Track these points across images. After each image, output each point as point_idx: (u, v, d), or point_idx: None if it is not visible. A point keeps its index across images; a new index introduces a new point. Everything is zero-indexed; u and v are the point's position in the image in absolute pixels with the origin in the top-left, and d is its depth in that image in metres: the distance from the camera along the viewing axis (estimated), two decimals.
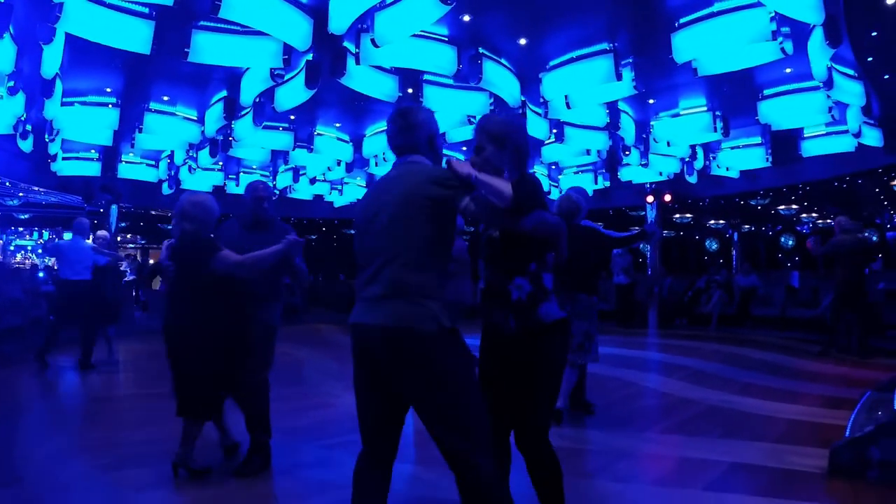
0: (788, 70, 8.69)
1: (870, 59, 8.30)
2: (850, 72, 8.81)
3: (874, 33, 7.55)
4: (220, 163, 15.37)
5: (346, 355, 7.82)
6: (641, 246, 27.05)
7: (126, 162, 14.82)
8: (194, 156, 13.89)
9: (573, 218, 5.95)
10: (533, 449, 2.88)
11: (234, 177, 17.09)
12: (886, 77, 9.04)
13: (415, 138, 2.84)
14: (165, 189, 16.50)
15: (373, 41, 6.79)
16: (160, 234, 25.89)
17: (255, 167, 16.77)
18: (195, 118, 11.72)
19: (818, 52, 7.41)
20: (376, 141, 13.21)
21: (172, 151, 13.85)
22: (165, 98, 11.04)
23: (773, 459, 4.94)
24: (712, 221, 26.49)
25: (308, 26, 7.20)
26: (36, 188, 17.47)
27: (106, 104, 10.71)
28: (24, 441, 5.45)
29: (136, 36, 7.23)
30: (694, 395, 7.43)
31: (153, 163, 15.24)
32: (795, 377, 8.42)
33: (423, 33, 7.89)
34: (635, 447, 5.41)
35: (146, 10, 7.26)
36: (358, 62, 7.72)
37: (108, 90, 10.48)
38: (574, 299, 5.99)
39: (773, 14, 6.81)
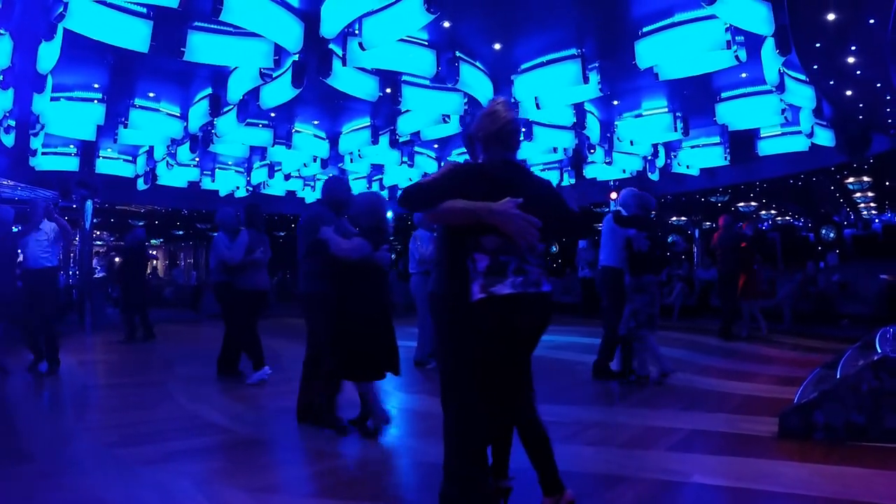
0: (744, 75, 9.23)
1: (815, 66, 8.91)
2: (801, 76, 9.36)
3: (818, 44, 8.16)
4: (197, 158, 15.58)
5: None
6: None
7: (104, 157, 14.92)
8: (173, 151, 14.04)
9: (648, 212, 7.20)
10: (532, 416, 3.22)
11: (209, 173, 17.27)
12: (832, 83, 9.66)
13: None
14: (141, 185, 16.59)
15: (360, 45, 7.10)
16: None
17: (230, 163, 16.96)
18: (178, 114, 11.88)
19: (770, 59, 7.99)
20: (353, 138, 13.53)
21: (151, 147, 13.98)
22: (151, 94, 11.23)
23: (729, 426, 5.43)
24: (674, 218, 27.19)
25: (300, 29, 7.50)
26: (6, 182, 17.39)
27: (92, 99, 10.86)
28: (28, 424, 5.65)
29: (135, 35, 7.48)
30: (655, 374, 7.91)
31: (130, 158, 15.35)
32: (750, 360, 8.92)
33: (405, 38, 8.26)
34: (605, 419, 5.80)
35: (144, 10, 7.49)
36: (345, 64, 8.06)
37: (96, 86, 10.64)
38: (641, 281, 7.00)
39: (727, 25, 7.38)
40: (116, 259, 14.93)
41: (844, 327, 12.47)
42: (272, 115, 11.99)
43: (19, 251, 8.14)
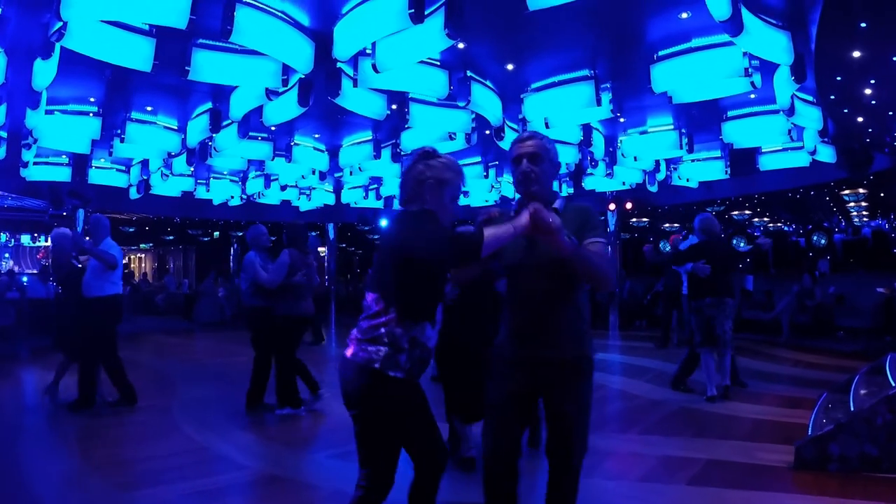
0: (752, 95, 9.24)
1: (832, 97, 9.01)
2: (810, 98, 9.37)
3: (838, 77, 8.25)
4: (192, 168, 15.42)
5: (318, 358, 8.05)
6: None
7: (96, 167, 14.74)
8: (169, 163, 13.89)
9: (714, 235, 7.68)
10: None
11: (203, 182, 17.14)
12: (845, 111, 9.79)
13: None
14: (133, 194, 16.41)
15: (374, 66, 7.01)
16: (123, 239, 25.62)
17: (225, 172, 16.82)
18: (176, 127, 11.72)
19: (784, 85, 8.01)
20: (353, 151, 13.43)
21: (146, 158, 13.86)
22: (149, 108, 11.11)
23: (744, 456, 5.48)
24: (667, 225, 27.36)
25: (310, 49, 7.38)
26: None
27: (87, 113, 10.66)
28: (34, 460, 5.49)
29: (137, 53, 7.22)
30: (662, 396, 7.95)
31: (124, 168, 15.17)
32: (754, 378, 8.93)
33: None
34: (619, 447, 5.83)
35: (146, 27, 7.21)
36: (356, 85, 7.96)
37: (92, 99, 10.48)
38: (722, 303, 7.47)
39: (745, 52, 7.37)
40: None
41: (841, 339, 12.56)
42: (272, 128, 11.86)
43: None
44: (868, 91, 8.88)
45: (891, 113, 9.84)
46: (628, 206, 17.78)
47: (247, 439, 6.13)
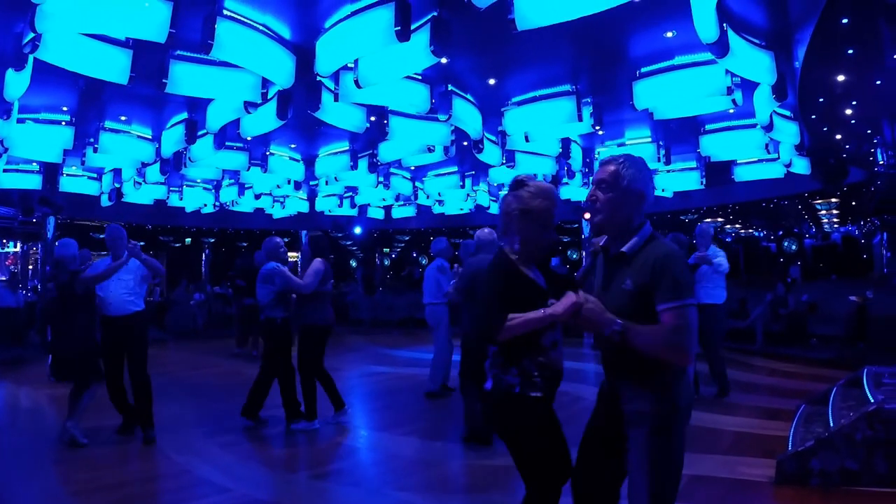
0: (731, 110, 9.36)
1: (813, 116, 9.19)
2: (788, 113, 9.50)
3: (821, 99, 8.42)
4: (165, 176, 15.24)
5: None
6: (574, 256, 28.25)
7: (68, 175, 14.52)
8: (143, 172, 13.72)
9: (683, 246, 7.80)
10: None
11: (176, 189, 16.97)
12: (825, 129, 9.99)
13: None
14: (105, 201, 16.18)
15: (356, 81, 6.97)
16: (94, 246, 25.21)
17: (199, 181, 16.67)
18: (150, 137, 11.58)
19: (764, 103, 8.13)
20: (330, 162, 13.41)
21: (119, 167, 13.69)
22: (123, 118, 10.96)
23: (726, 471, 5.53)
24: None
25: (291, 63, 7.33)
26: None
27: (59, 122, 10.52)
28: (11, 483, 5.36)
29: (113, 65, 7.12)
30: None
31: (95, 176, 14.96)
32: (731, 388, 9.05)
33: None
34: None
35: (124, 39, 7.09)
36: (337, 100, 7.90)
37: (65, 108, 10.33)
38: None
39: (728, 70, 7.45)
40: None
41: (815, 347, 12.73)
42: (248, 138, 11.75)
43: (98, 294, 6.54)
44: (849, 111, 9.09)
45: (869, 131, 10.06)
46: (586, 216, 17.88)
47: (227, 460, 6.04)
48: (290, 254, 32.41)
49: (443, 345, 8.80)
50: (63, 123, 10.45)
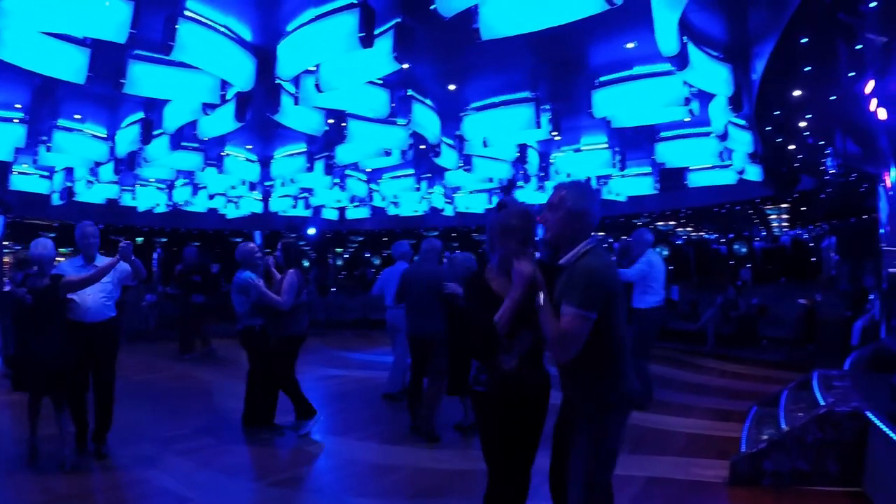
0: (687, 119, 9.54)
1: (768, 128, 9.42)
2: (743, 122, 9.69)
3: (777, 112, 8.65)
4: (119, 175, 14.92)
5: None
6: None
7: (18, 173, 14.16)
8: (95, 170, 13.42)
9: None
10: None
11: (129, 189, 16.69)
12: (779, 140, 10.26)
13: None
14: (56, 200, 15.81)
15: (317, 86, 6.93)
16: None
17: (152, 180, 16.38)
18: (105, 136, 11.30)
19: (720, 113, 8.31)
20: (285, 163, 13.28)
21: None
22: (77, 116, 10.73)
23: (681, 472, 5.69)
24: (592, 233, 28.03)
25: (252, 66, 7.24)
26: None
27: (11, 119, 10.25)
28: None
29: (70, 65, 6.90)
30: None
31: (47, 174, 14.63)
32: (684, 390, 9.21)
33: None
34: None
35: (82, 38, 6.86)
36: (297, 103, 7.85)
37: (18, 106, 10.07)
38: None
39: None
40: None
41: (765, 349, 13.05)
42: (204, 138, 11.58)
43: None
44: (803, 124, 9.36)
45: (822, 142, 10.37)
46: (540, 219, 18.06)
47: (185, 467, 5.97)
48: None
49: (404, 348, 8.82)
50: (16, 121, 10.19)
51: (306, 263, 31.48)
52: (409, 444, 6.76)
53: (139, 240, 28.79)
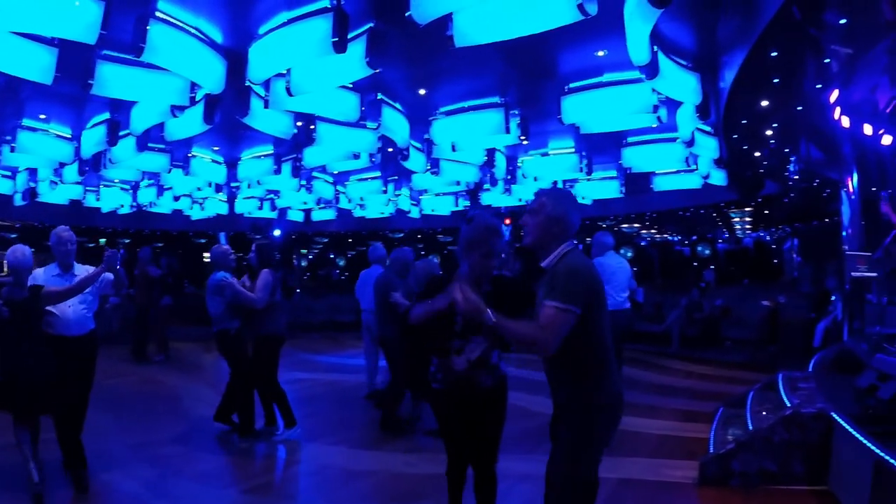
0: (654, 125, 9.70)
1: (735, 136, 9.63)
2: (708, 129, 9.83)
3: (744, 121, 8.84)
4: (83, 175, 14.67)
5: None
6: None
7: None
8: (60, 171, 13.18)
9: None
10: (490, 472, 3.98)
11: (93, 189, 16.44)
12: (745, 147, 10.49)
13: None
14: (18, 200, 15.50)
15: (288, 89, 6.89)
16: (4, 245, 24.10)
17: (116, 181, 16.15)
18: (70, 136, 11.14)
19: (687, 120, 8.46)
20: (252, 165, 13.22)
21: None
22: (42, 116, 10.54)
23: (651, 473, 5.79)
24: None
25: (222, 68, 7.18)
26: None
27: None
28: None
29: (37, 65, 6.78)
30: None
31: (10, 174, 14.35)
32: (650, 392, 9.33)
33: None
34: (532, 469, 5.94)
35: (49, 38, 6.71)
36: (267, 106, 7.81)
37: None
38: None
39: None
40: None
41: (729, 350, 13.28)
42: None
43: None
44: (769, 132, 9.59)
45: (787, 150, 10.62)
46: (507, 221, 18.20)
47: (154, 475, 5.85)
48: (206, 255, 31.53)
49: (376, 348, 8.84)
50: None
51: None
52: (381, 448, 6.77)
53: (102, 241, 28.36)
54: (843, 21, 5.75)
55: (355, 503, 5.27)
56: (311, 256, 33.81)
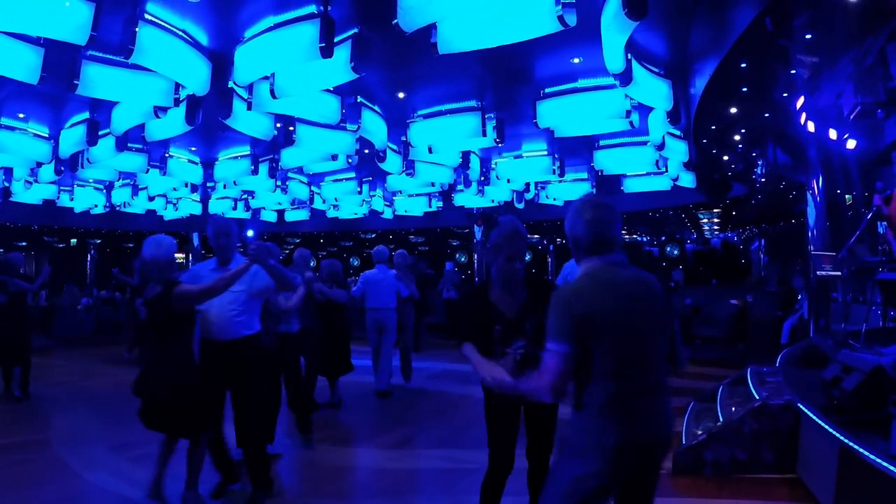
0: (627, 129, 9.94)
1: (704, 140, 9.90)
2: (678, 132, 10.09)
3: (713, 127, 9.11)
4: (59, 175, 14.55)
5: None
6: (463, 259, 29.03)
7: None
8: (35, 171, 13.12)
9: None
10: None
11: (68, 189, 16.29)
12: (714, 151, 10.77)
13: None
14: None
15: (272, 92, 6.99)
16: None
17: (90, 181, 16.04)
18: (47, 136, 11.13)
19: (658, 124, 8.70)
20: (229, 165, 13.29)
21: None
22: (21, 115, 10.50)
23: None
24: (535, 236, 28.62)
25: (207, 71, 7.29)
26: None
27: None
28: None
29: (23, 64, 6.83)
30: None
31: None
32: None
33: None
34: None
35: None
36: (250, 108, 7.93)
37: None
38: None
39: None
40: None
41: (699, 347, 13.55)
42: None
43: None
44: (737, 137, 9.88)
45: (754, 154, 10.92)
46: (479, 222, 18.42)
47: (142, 475, 5.74)
48: (178, 255, 31.42)
49: (391, 347, 9.12)
50: None
51: None
52: (363, 445, 6.88)
53: (73, 241, 28.03)
54: (808, 37, 5.99)
55: (343, 499, 5.36)
56: (281, 257, 33.66)
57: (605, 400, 2.55)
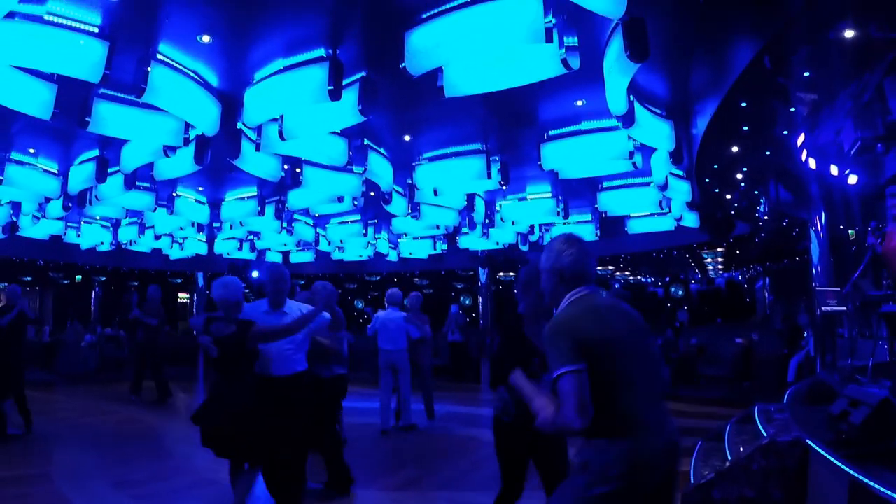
0: (630, 170, 10.02)
1: (707, 180, 9.99)
2: (681, 172, 10.16)
3: (715, 166, 9.21)
4: (67, 211, 14.64)
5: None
6: (468, 302, 29.01)
7: None
8: (44, 206, 13.20)
9: None
10: None
11: (75, 225, 16.40)
12: (717, 190, 10.85)
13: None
14: None
15: (280, 133, 7.09)
16: None
17: (97, 218, 16.15)
18: (56, 172, 11.22)
19: (661, 165, 8.78)
20: (236, 206, 13.43)
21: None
22: (32, 150, 10.61)
23: None
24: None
25: (217, 111, 7.41)
26: None
27: None
28: None
29: (37, 100, 6.94)
30: None
31: None
32: None
33: None
34: None
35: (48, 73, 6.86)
36: (258, 149, 8.00)
37: None
38: None
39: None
40: None
41: (704, 387, 13.48)
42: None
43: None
44: (739, 176, 9.97)
45: (756, 192, 10.99)
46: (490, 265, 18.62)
47: None
48: (181, 294, 30.97)
49: (409, 384, 9.25)
50: None
51: None
52: (369, 487, 6.71)
53: (78, 277, 28.08)
54: (806, 74, 6.09)
55: None
56: None
57: (611, 420, 2.59)
